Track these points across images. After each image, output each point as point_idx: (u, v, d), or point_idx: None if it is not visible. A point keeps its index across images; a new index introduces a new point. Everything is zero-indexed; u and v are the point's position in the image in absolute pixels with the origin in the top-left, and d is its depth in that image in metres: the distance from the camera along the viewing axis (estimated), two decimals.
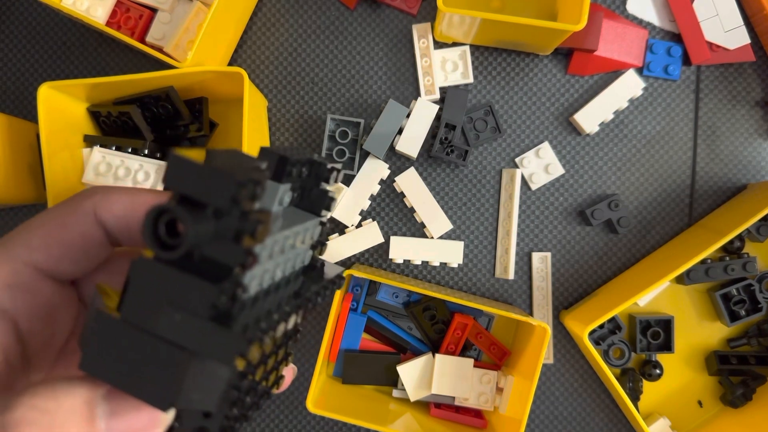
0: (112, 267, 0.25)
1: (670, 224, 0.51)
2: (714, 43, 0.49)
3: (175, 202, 0.17)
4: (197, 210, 0.17)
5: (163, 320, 0.17)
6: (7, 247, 0.22)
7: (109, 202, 0.22)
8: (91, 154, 0.46)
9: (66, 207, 0.23)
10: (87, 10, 0.47)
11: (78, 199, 0.23)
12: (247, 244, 0.17)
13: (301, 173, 0.24)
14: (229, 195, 0.16)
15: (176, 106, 0.46)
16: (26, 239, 0.22)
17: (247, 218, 0.17)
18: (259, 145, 0.48)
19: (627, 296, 0.43)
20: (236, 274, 0.17)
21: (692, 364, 0.50)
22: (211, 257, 0.17)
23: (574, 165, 0.51)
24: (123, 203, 0.22)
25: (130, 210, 0.22)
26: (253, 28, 0.52)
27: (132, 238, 0.23)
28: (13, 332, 0.21)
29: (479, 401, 0.48)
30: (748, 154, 0.50)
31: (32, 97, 0.52)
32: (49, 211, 0.23)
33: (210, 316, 0.17)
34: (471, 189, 0.51)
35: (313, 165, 0.25)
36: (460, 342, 0.49)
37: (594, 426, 0.51)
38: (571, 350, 0.51)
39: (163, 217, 0.17)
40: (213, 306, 0.17)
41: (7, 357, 0.20)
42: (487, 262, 0.51)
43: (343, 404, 0.47)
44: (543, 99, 0.51)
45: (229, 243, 0.17)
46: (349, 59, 0.51)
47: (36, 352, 0.22)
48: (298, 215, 0.24)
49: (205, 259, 0.17)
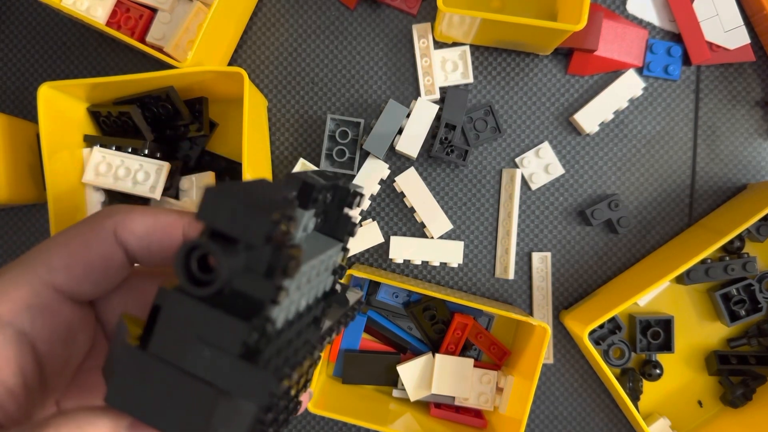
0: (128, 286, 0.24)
1: (670, 224, 0.51)
2: (714, 43, 0.49)
3: (207, 237, 0.17)
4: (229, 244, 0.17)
5: (191, 356, 0.17)
6: (27, 266, 0.21)
7: (130, 223, 0.22)
8: (91, 154, 0.46)
9: (87, 227, 0.22)
10: (87, 10, 0.47)
11: (99, 219, 0.22)
12: (279, 279, 0.17)
13: (325, 199, 0.24)
14: (263, 233, 0.16)
15: (176, 106, 0.46)
16: (47, 259, 0.21)
17: (280, 254, 0.17)
18: (259, 145, 0.48)
19: (627, 296, 0.43)
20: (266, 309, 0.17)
21: (692, 364, 0.50)
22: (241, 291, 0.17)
23: (574, 165, 0.51)
24: (145, 224, 0.22)
25: (152, 231, 0.22)
26: (253, 28, 0.52)
27: (152, 258, 0.23)
28: (31, 355, 0.20)
29: (479, 401, 0.48)
30: (748, 154, 0.50)
31: (32, 97, 0.52)
32: (70, 230, 0.22)
33: (240, 353, 0.17)
34: (471, 189, 0.51)
35: (337, 190, 0.25)
36: (460, 342, 0.49)
37: (594, 426, 0.51)
38: (571, 350, 0.51)
39: (195, 252, 0.16)
40: (243, 343, 0.17)
41: (26, 380, 0.20)
42: (487, 262, 0.51)
43: (343, 404, 0.47)
44: (543, 99, 0.51)
45: (259, 278, 0.17)
46: (349, 59, 0.51)
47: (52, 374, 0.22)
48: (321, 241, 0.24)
49: (235, 292, 0.17)
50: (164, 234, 0.22)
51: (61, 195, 0.44)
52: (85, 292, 0.22)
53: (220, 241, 0.17)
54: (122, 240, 0.22)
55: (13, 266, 0.21)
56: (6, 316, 0.20)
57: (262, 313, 0.17)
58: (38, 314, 0.21)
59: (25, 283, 0.21)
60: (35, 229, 0.53)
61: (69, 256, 0.21)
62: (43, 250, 0.22)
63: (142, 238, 0.22)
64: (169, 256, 0.23)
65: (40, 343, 0.21)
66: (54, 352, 0.21)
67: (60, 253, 0.22)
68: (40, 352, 0.21)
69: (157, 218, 0.22)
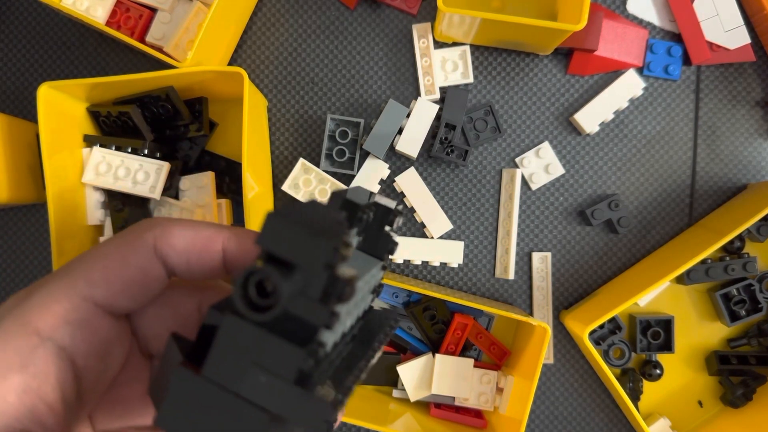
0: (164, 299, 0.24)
1: (670, 224, 0.51)
2: (714, 43, 0.49)
3: (264, 263, 0.17)
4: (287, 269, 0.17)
5: (247, 381, 0.17)
6: (67, 280, 0.21)
7: (170, 236, 0.22)
8: (91, 153, 0.46)
9: (126, 240, 0.22)
10: (87, 9, 0.47)
11: (138, 232, 0.22)
12: (334, 305, 0.17)
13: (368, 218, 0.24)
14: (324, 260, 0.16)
15: (176, 106, 0.46)
16: (86, 273, 0.21)
17: (336, 279, 0.17)
18: (258, 145, 0.48)
19: (627, 296, 0.43)
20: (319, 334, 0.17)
21: (692, 364, 0.50)
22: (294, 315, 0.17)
23: (574, 165, 0.51)
24: (185, 237, 0.22)
25: (192, 245, 0.22)
26: (253, 28, 0.52)
27: (191, 272, 0.22)
28: (70, 370, 0.20)
29: (479, 401, 0.48)
30: (748, 154, 0.50)
31: (32, 97, 0.52)
32: (109, 243, 0.22)
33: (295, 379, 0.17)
34: (471, 189, 0.51)
35: (378, 208, 0.25)
36: (460, 342, 0.49)
37: (594, 426, 0.51)
38: (571, 350, 0.51)
39: (253, 277, 0.16)
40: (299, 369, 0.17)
41: (65, 396, 0.20)
42: (487, 262, 0.51)
43: None
44: (543, 99, 0.51)
45: (314, 302, 0.17)
46: (349, 59, 0.51)
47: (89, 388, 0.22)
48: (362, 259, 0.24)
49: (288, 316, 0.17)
50: (204, 248, 0.22)
51: (60, 195, 0.44)
52: (123, 306, 0.22)
53: (278, 266, 0.16)
54: (162, 254, 0.22)
55: (52, 279, 0.21)
56: (46, 331, 0.20)
57: (315, 337, 0.17)
58: (77, 329, 0.21)
59: (65, 297, 0.21)
60: (35, 229, 0.53)
61: (108, 270, 0.21)
62: (82, 262, 0.22)
63: (181, 253, 0.22)
64: (207, 270, 0.23)
65: (78, 357, 0.21)
66: (91, 366, 0.21)
67: (99, 266, 0.21)
68: (79, 366, 0.21)
69: (197, 232, 0.22)
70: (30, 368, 0.19)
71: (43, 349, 0.20)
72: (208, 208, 0.47)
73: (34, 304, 0.20)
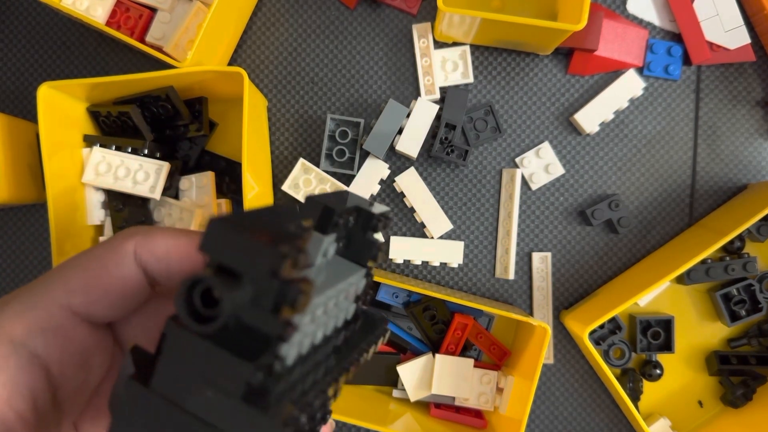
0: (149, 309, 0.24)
1: (670, 224, 0.51)
2: (714, 43, 0.49)
3: (211, 271, 0.16)
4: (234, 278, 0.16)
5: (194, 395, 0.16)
6: (44, 288, 0.21)
7: (150, 243, 0.21)
8: (91, 153, 0.46)
9: (106, 248, 0.22)
10: (87, 9, 0.47)
11: (118, 240, 0.22)
12: (286, 314, 0.16)
13: (347, 222, 0.23)
14: (268, 267, 0.15)
15: (176, 106, 0.46)
16: (65, 281, 0.21)
17: (288, 288, 0.16)
18: (258, 145, 0.48)
19: (627, 296, 0.43)
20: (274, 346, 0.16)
21: (692, 364, 0.50)
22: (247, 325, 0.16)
23: (575, 165, 0.51)
24: (165, 244, 0.22)
25: (173, 251, 0.22)
26: (253, 28, 0.52)
27: (172, 280, 0.22)
28: (44, 378, 0.20)
29: (479, 401, 0.48)
30: (749, 154, 0.50)
31: (32, 97, 0.52)
32: (89, 252, 0.22)
33: (243, 394, 0.16)
34: (471, 189, 0.51)
35: (360, 213, 0.23)
36: (460, 342, 0.49)
37: (594, 426, 0.51)
38: (572, 350, 0.51)
39: (198, 286, 0.16)
40: (247, 384, 0.16)
41: (36, 403, 0.20)
42: (487, 262, 0.51)
43: (343, 404, 0.47)
44: (543, 99, 0.51)
45: (266, 313, 0.16)
46: (349, 59, 0.51)
47: (68, 397, 0.21)
48: (343, 266, 0.23)
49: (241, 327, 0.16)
50: (185, 255, 0.22)
51: (60, 195, 0.44)
52: (103, 315, 0.22)
53: (226, 275, 0.16)
54: (142, 261, 0.22)
55: (31, 287, 0.21)
56: (19, 338, 0.20)
57: (270, 350, 0.16)
58: (52, 337, 0.20)
59: (41, 305, 0.21)
60: (35, 229, 0.53)
61: (87, 278, 0.21)
62: (61, 271, 0.22)
63: (161, 259, 0.22)
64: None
65: (53, 365, 0.20)
66: (68, 374, 0.21)
67: (78, 275, 0.21)
68: (54, 374, 0.21)
69: (178, 238, 0.22)
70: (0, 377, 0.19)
71: (16, 357, 0.19)
72: (208, 208, 0.47)
73: (10, 311, 0.20)
